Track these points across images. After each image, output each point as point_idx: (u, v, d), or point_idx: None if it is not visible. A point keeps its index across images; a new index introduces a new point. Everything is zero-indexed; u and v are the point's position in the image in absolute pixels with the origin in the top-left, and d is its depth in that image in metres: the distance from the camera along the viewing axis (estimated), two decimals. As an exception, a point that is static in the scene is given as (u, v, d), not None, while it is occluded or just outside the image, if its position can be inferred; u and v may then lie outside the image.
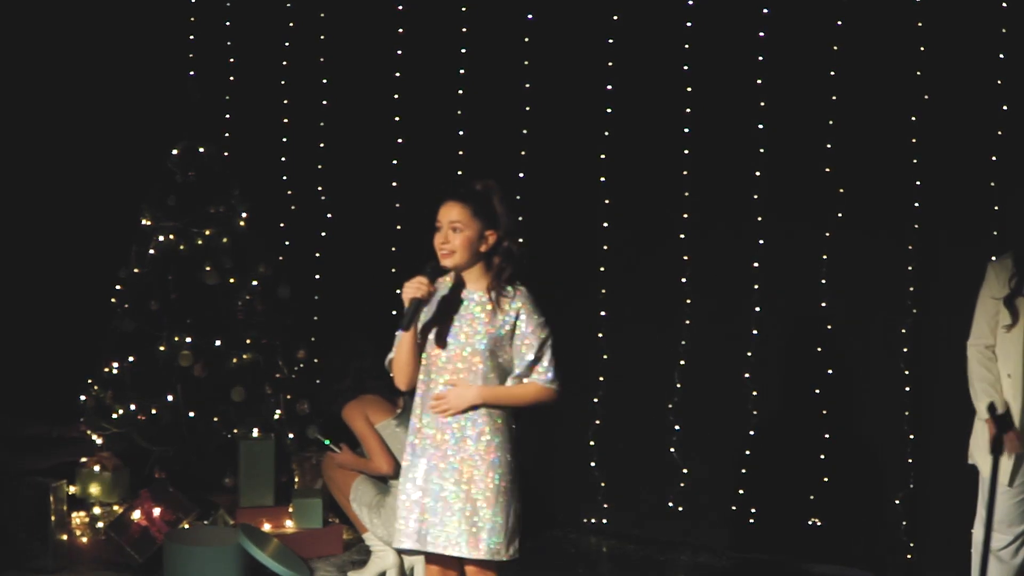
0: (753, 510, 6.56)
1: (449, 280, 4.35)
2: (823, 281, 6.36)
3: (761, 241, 6.48)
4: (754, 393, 6.52)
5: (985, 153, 5.93)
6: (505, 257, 4.30)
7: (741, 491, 6.57)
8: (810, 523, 6.43)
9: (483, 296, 4.30)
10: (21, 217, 6.98)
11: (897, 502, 6.22)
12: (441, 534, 4.27)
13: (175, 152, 6.76)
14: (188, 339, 6.56)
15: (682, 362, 6.66)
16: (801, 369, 6.47)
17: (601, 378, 6.84)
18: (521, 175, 6.89)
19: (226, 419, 6.60)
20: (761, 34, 6.38)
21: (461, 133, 7.00)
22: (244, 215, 6.84)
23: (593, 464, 6.88)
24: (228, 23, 7.26)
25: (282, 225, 7.31)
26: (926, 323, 6.13)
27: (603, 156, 6.76)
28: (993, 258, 5.23)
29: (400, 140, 7.17)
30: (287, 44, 7.26)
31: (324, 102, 7.27)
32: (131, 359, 6.59)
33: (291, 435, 6.70)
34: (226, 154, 6.96)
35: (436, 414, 4.27)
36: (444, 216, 4.27)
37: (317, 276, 7.34)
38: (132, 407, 6.56)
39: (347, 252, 7.27)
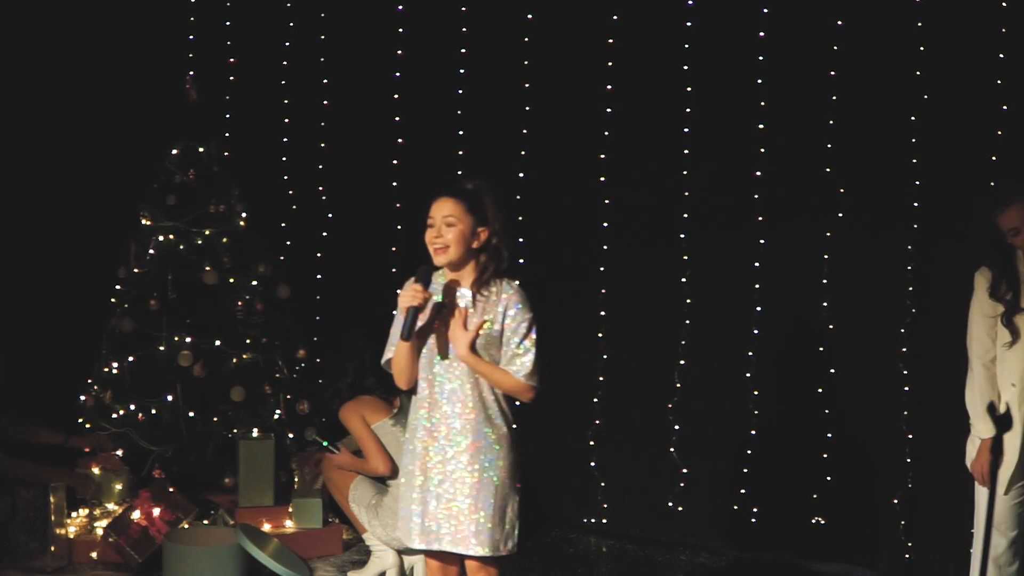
0: (755, 509, 6.56)
1: (442, 279, 4.35)
2: (823, 281, 6.36)
3: (761, 241, 6.48)
4: (755, 392, 6.52)
5: (985, 153, 5.92)
6: (492, 255, 4.30)
7: (742, 491, 6.57)
8: (811, 522, 6.43)
9: (470, 294, 4.30)
10: (21, 217, 6.97)
11: (895, 502, 6.22)
12: (443, 533, 4.28)
13: (174, 152, 6.76)
14: (188, 339, 6.56)
15: (682, 362, 6.66)
16: (801, 368, 6.47)
17: (601, 378, 6.85)
18: (521, 175, 6.90)
19: (226, 419, 6.60)
20: (761, 34, 6.38)
21: (461, 133, 7.01)
22: (244, 215, 6.83)
23: (593, 464, 6.88)
24: (228, 23, 7.27)
25: (282, 225, 7.31)
26: (925, 323, 6.13)
27: (603, 156, 6.76)
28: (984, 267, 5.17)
29: (400, 140, 7.17)
30: (287, 44, 7.26)
31: (324, 102, 7.27)
32: (131, 359, 6.58)
33: (291, 435, 6.70)
34: (226, 154, 6.96)
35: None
36: (437, 212, 4.27)
37: (317, 276, 7.34)
38: (132, 407, 6.56)
39: (347, 252, 7.28)
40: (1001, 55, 5.88)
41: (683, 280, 6.64)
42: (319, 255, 7.35)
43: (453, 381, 4.28)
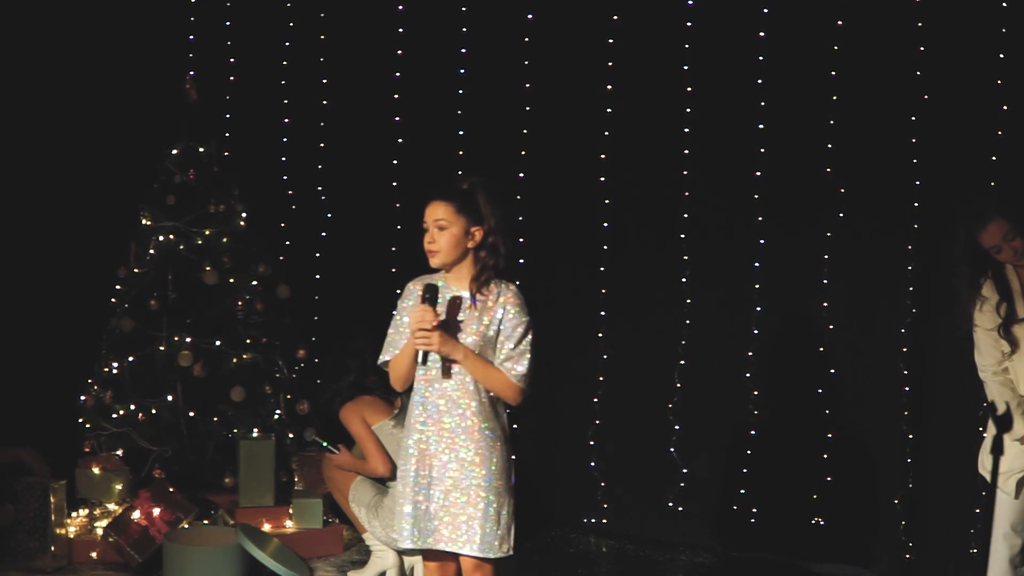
0: (755, 510, 6.56)
1: (441, 282, 4.34)
2: (824, 281, 6.36)
3: (762, 241, 6.48)
4: (755, 393, 6.52)
5: (985, 153, 5.93)
6: (489, 252, 4.29)
7: (742, 491, 6.57)
8: (811, 522, 6.43)
9: (468, 295, 4.30)
10: (21, 217, 6.97)
11: (896, 502, 6.22)
12: (436, 531, 4.28)
13: (174, 152, 6.76)
14: (188, 339, 6.56)
15: (682, 362, 6.66)
16: (801, 369, 6.47)
17: (601, 378, 6.84)
18: (521, 175, 6.90)
19: (226, 419, 6.60)
20: (761, 34, 6.38)
21: (461, 133, 7.01)
22: (244, 215, 6.83)
23: (593, 464, 6.88)
24: (228, 23, 7.26)
25: (282, 225, 7.31)
26: (926, 323, 6.13)
27: (603, 156, 6.76)
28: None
29: (400, 140, 7.17)
30: (287, 44, 7.26)
31: (324, 102, 7.27)
32: (131, 359, 6.58)
33: (291, 435, 6.70)
34: (226, 154, 6.96)
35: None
36: (429, 215, 4.27)
37: (317, 276, 7.34)
38: (132, 407, 6.56)
39: (347, 252, 7.27)
40: (1001, 55, 5.88)
41: (683, 280, 6.64)
42: (319, 255, 7.35)
43: (450, 382, 4.28)
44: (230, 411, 6.59)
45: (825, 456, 6.40)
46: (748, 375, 6.53)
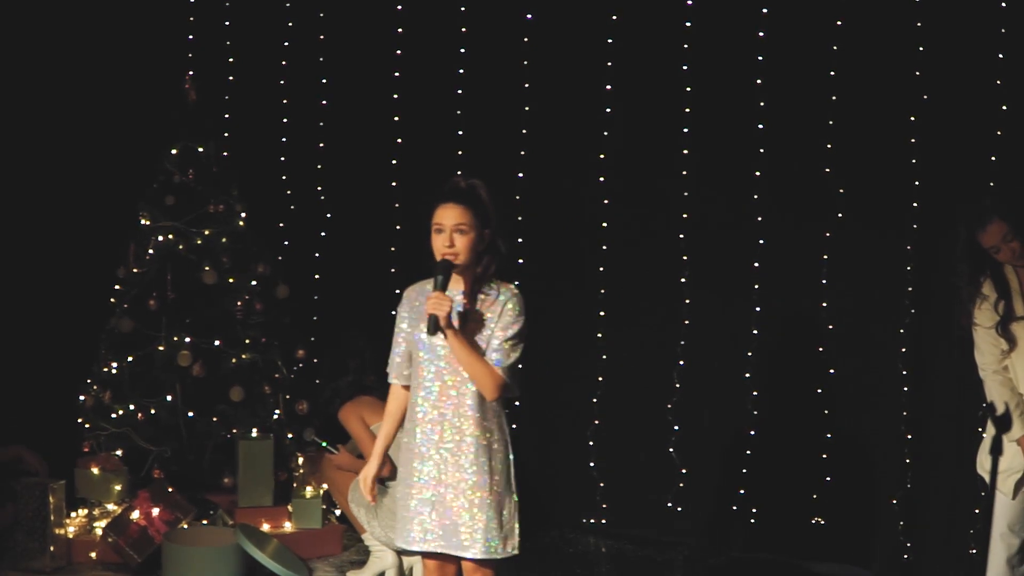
0: (754, 509, 6.56)
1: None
2: (823, 281, 6.37)
3: (761, 241, 6.48)
4: (754, 393, 6.52)
5: (985, 153, 5.93)
6: (492, 254, 4.28)
7: (741, 491, 6.57)
8: (811, 522, 6.43)
9: (469, 295, 4.29)
10: (19, 217, 6.96)
11: (895, 502, 6.22)
12: (440, 534, 4.28)
13: (174, 152, 6.76)
14: (187, 339, 6.56)
15: (681, 362, 6.65)
16: (801, 369, 6.47)
17: (600, 378, 6.84)
18: (521, 175, 6.90)
19: (225, 419, 6.60)
20: (761, 34, 6.38)
21: (460, 133, 7.00)
22: (243, 215, 6.83)
23: (592, 464, 6.87)
24: (228, 23, 7.26)
25: (281, 225, 7.30)
26: (925, 323, 6.13)
27: (603, 156, 6.76)
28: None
29: (399, 140, 7.16)
30: (287, 44, 7.26)
31: (324, 102, 7.26)
32: (130, 359, 6.58)
33: (290, 435, 6.70)
34: (225, 154, 6.96)
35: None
36: (446, 218, 4.22)
37: (316, 276, 7.34)
38: (131, 407, 6.56)
39: (346, 252, 7.27)
40: (1001, 55, 5.88)
41: (682, 280, 6.64)
42: (318, 255, 7.34)
43: (450, 382, 4.28)
44: (229, 411, 6.58)
45: (824, 456, 6.40)
46: (747, 375, 6.53)
